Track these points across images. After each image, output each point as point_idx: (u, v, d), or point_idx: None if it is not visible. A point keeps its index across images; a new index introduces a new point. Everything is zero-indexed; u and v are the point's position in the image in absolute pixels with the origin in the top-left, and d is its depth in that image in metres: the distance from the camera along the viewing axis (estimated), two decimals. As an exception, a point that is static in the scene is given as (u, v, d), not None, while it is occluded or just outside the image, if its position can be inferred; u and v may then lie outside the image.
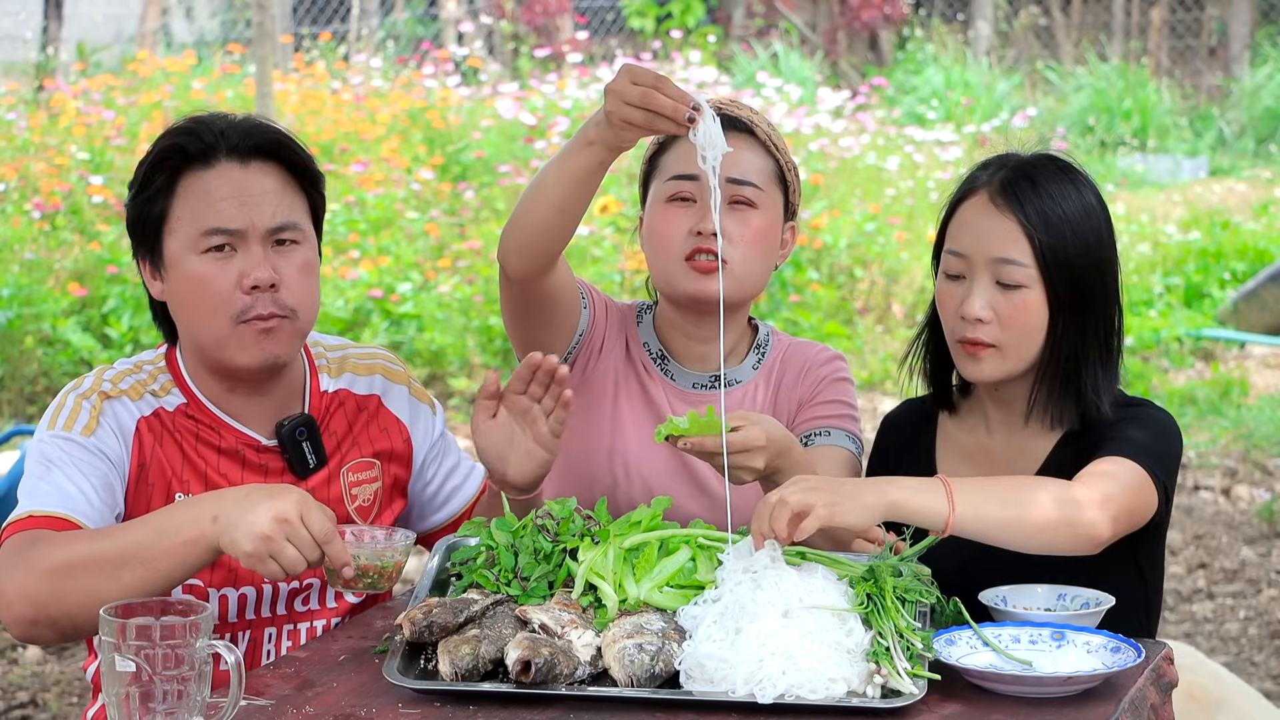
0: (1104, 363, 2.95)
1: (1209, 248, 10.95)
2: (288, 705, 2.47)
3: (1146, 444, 2.86)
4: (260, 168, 2.85)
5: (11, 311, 8.22)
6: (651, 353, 3.19)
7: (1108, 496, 2.74)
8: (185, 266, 2.82)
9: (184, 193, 2.82)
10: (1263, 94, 15.44)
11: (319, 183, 2.93)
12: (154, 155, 2.86)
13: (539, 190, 2.88)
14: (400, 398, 3.05)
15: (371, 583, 2.64)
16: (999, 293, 2.90)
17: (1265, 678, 5.58)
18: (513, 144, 11.13)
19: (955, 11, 18.14)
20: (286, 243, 2.85)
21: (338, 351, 3.05)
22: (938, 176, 11.66)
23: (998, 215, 2.92)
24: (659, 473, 3.15)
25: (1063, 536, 2.71)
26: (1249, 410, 8.41)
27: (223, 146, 2.83)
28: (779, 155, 3.13)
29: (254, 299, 2.81)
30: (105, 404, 2.82)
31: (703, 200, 3.05)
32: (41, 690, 5.45)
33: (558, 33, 15.68)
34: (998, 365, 2.93)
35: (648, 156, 3.18)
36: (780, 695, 2.41)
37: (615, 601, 2.61)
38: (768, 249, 3.11)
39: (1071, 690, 2.51)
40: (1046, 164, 2.97)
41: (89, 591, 2.55)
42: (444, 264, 9.44)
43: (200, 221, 2.81)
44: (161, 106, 10.87)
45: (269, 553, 2.50)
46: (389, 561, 2.65)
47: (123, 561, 2.55)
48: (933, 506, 2.64)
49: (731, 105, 3.15)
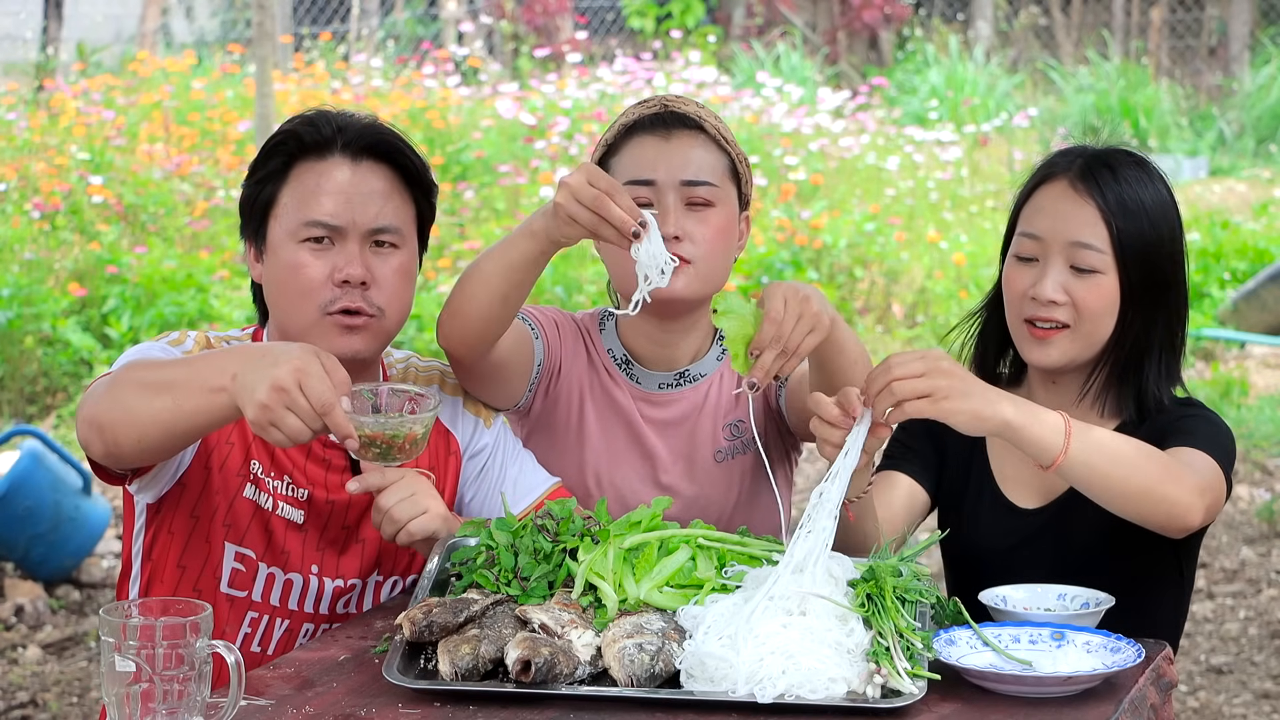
0: (1168, 355, 2.98)
1: (1209, 248, 10.94)
2: (288, 705, 2.47)
3: (1218, 444, 2.88)
4: (371, 168, 2.90)
5: (11, 311, 8.22)
6: (616, 358, 3.18)
7: (1204, 486, 2.76)
8: (283, 252, 2.88)
9: (294, 181, 2.89)
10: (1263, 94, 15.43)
11: (430, 192, 2.97)
12: (273, 141, 2.93)
13: (479, 281, 2.86)
14: (452, 408, 3.06)
15: (381, 453, 2.59)
16: (1073, 276, 2.93)
17: (1265, 678, 5.58)
18: (513, 144, 11.13)
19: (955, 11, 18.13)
20: (385, 245, 2.89)
21: (403, 362, 3.08)
22: (938, 176, 11.66)
23: (1077, 200, 2.94)
24: (630, 479, 3.15)
25: (1161, 511, 2.71)
26: (1249, 410, 8.40)
27: (338, 141, 2.89)
28: (729, 149, 3.11)
29: (343, 292, 2.85)
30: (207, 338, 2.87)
31: (660, 203, 3.02)
32: (41, 690, 5.45)
33: (558, 33, 15.68)
34: (1066, 349, 2.94)
35: (596, 160, 3.13)
36: (780, 695, 2.41)
37: (615, 601, 2.61)
38: (728, 245, 3.09)
39: (1071, 690, 2.51)
40: (1123, 155, 3.00)
41: (128, 407, 2.60)
42: (444, 264, 9.44)
43: (304, 212, 2.87)
44: (161, 106, 10.88)
45: (269, 421, 2.46)
46: (399, 432, 2.59)
47: (162, 388, 2.58)
48: (1046, 440, 2.64)
49: (678, 102, 3.13)
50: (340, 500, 2.92)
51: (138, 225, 9.46)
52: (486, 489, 3.06)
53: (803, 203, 10.67)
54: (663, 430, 3.16)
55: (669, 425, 3.16)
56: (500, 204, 10.27)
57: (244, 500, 2.87)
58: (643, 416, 3.15)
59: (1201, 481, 2.76)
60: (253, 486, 2.88)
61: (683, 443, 3.16)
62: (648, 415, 3.15)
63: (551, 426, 3.17)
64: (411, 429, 2.61)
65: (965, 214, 11.31)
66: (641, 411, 3.15)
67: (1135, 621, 2.77)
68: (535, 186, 10.23)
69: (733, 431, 3.17)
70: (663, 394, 3.16)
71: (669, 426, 3.16)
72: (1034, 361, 2.97)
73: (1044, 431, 2.64)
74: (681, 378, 3.17)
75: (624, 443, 3.15)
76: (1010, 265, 3.00)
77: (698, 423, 3.16)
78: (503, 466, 3.07)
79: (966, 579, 3.05)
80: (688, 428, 3.16)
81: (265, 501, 2.88)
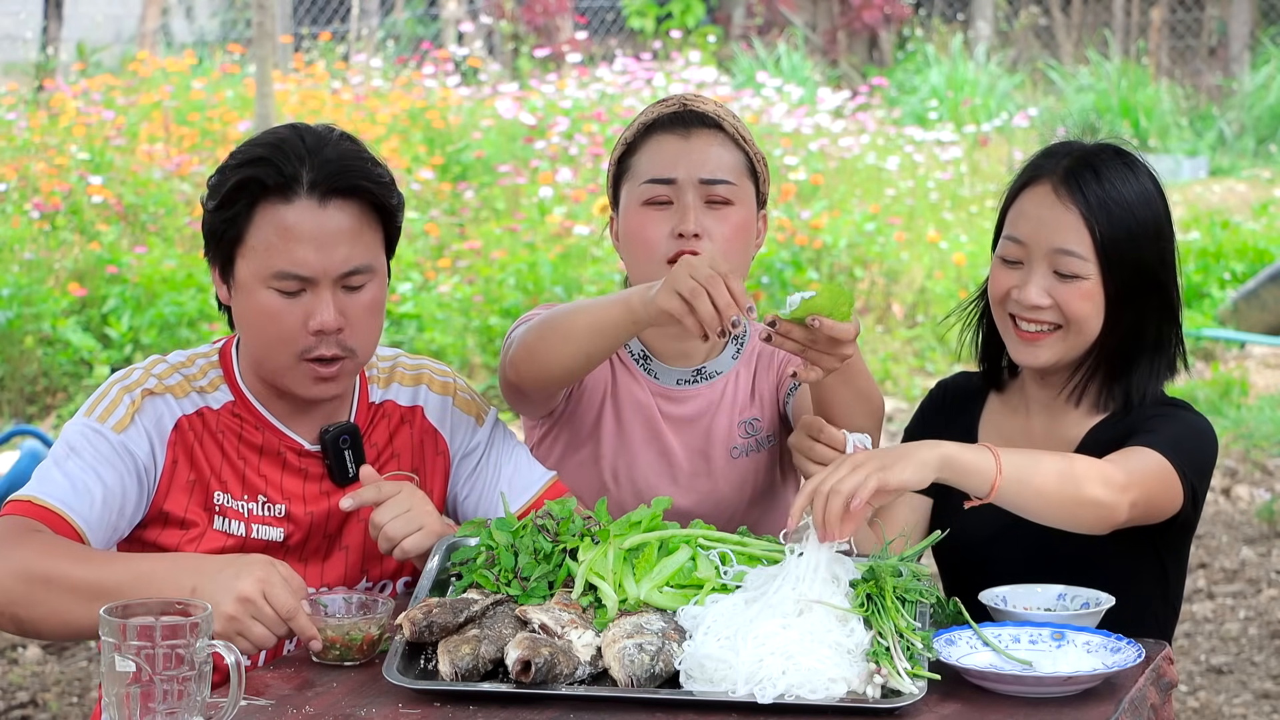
0: (1159, 351, 2.99)
1: (1209, 248, 10.94)
2: (288, 705, 2.47)
3: (1177, 441, 2.88)
4: (339, 205, 2.82)
5: (11, 311, 8.22)
6: (634, 354, 3.20)
7: (1130, 482, 2.77)
8: (255, 295, 2.82)
9: (260, 222, 2.81)
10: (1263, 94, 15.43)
11: (397, 216, 2.90)
12: (236, 177, 2.82)
13: (566, 333, 2.89)
14: (440, 407, 3.04)
15: (340, 655, 2.63)
16: (1057, 281, 2.93)
17: (1265, 678, 5.58)
18: (513, 144, 11.12)
19: (955, 11, 18.13)
20: (355, 286, 2.84)
21: (388, 362, 3.05)
22: (938, 176, 11.66)
23: (1059, 205, 2.94)
24: (647, 475, 3.16)
25: (1086, 513, 2.75)
26: (1249, 410, 8.40)
27: (303, 182, 2.79)
28: (747, 147, 3.14)
29: (318, 340, 2.82)
30: (146, 400, 2.84)
31: (680, 201, 3.06)
32: (41, 690, 5.45)
33: (558, 33, 15.68)
34: (1056, 349, 2.95)
35: (616, 158, 3.17)
36: (780, 695, 2.41)
37: (615, 601, 2.61)
38: (746, 243, 3.12)
39: (1071, 690, 2.51)
40: (1109, 153, 2.99)
41: (58, 610, 2.60)
42: (444, 264, 9.44)
43: (273, 261, 2.80)
44: (161, 106, 10.88)
45: (236, 631, 2.54)
46: (356, 635, 2.64)
47: (99, 594, 2.55)
48: (981, 466, 2.67)
49: (697, 101, 3.16)
50: (320, 510, 2.90)
51: (138, 225, 9.45)
52: (482, 487, 3.06)
53: (803, 203, 10.67)
54: (680, 426, 3.17)
55: (686, 421, 3.17)
56: (500, 204, 10.27)
57: (214, 534, 2.85)
58: (661, 413, 3.16)
59: (1129, 479, 2.78)
60: (221, 518, 2.86)
61: (699, 439, 3.17)
62: (666, 411, 3.17)
63: (574, 423, 3.19)
64: (368, 631, 2.65)
65: (965, 214, 11.31)
66: (660, 408, 3.17)
67: (1119, 618, 2.77)
68: (535, 186, 10.23)
69: (748, 429, 3.18)
70: (680, 390, 3.18)
71: (686, 423, 3.17)
72: (1023, 362, 3.00)
73: (978, 458, 2.68)
74: (698, 375, 3.19)
75: (642, 438, 3.17)
76: (995, 265, 3.01)
77: (714, 419, 3.17)
78: (498, 465, 3.07)
79: (951, 572, 3.09)
80: (704, 424, 3.17)
81: (237, 529, 2.86)
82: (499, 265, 9.14)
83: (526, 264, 9.04)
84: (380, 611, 2.68)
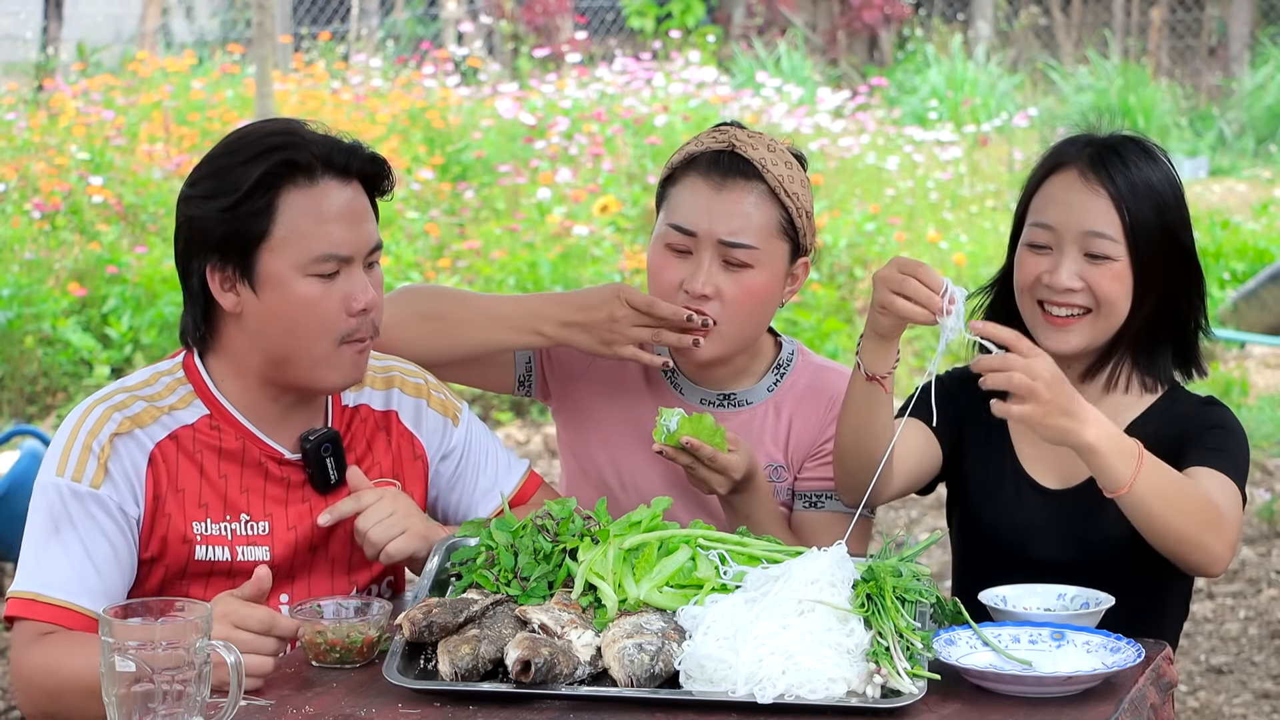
0: (1184, 336, 3.03)
1: (1209, 247, 10.94)
2: (288, 705, 2.47)
3: (1241, 463, 2.97)
4: (356, 186, 2.81)
5: (11, 311, 8.22)
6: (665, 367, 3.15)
7: (1235, 539, 2.85)
8: (291, 288, 2.76)
9: (287, 211, 2.75)
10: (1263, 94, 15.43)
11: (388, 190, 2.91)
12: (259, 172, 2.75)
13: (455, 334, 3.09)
14: (415, 411, 3.02)
15: (340, 657, 2.63)
16: (1088, 264, 2.95)
17: (1265, 678, 5.58)
18: (512, 144, 11.12)
19: (955, 11, 18.13)
20: (374, 262, 2.85)
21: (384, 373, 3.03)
22: (937, 176, 11.66)
23: (1088, 188, 2.96)
24: (654, 483, 3.13)
25: (1195, 557, 2.81)
26: (1249, 410, 8.40)
27: (324, 163, 2.78)
28: (788, 201, 3.03)
29: (360, 321, 2.80)
30: (115, 443, 2.77)
31: (697, 255, 3.02)
32: (41, 690, 5.44)
33: (557, 33, 15.68)
34: (1086, 334, 2.97)
35: (661, 178, 3.12)
36: (780, 695, 2.41)
37: (615, 601, 2.61)
38: (761, 305, 3.05)
39: (1071, 690, 2.51)
40: (1129, 141, 3.03)
41: (84, 709, 2.60)
42: (444, 264, 9.44)
43: (311, 245, 2.75)
44: (161, 106, 10.88)
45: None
46: (356, 637, 2.64)
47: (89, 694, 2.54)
48: (1116, 472, 2.71)
49: (747, 142, 3.05)
50: (304, 525, 2.87)
51: (138, 225, 9.45)
52: (463, 488, 3.05)
53: (802, 202, 10.66)
54: None
55: None
56: (500, 204, 10.26)
57: (198, 564, 2.82)
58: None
59: (1234, 536, 2.84)
60: (204, 547, 2.82)
61: None
62: None
63: (577, 425, 3.19)
64: (367, 633, 2.65)
65: (965, 214, 11.31)
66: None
67: (1145, 613, 2.79)
68: (535, 186, 10.22)
69: (770, 475, 3.11)
70: (703, 409, 3.08)
71: None
72: (1052, 348, 2.97)
73: (1118, 463, 2.71)
74: (726, 400, 3.15)
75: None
76: (1023, 252, 3.02)
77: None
78: (478, 464, 3.06)
79: (977, 560, 3.08)
80: None
81: (222, 554, 2.82)
82: (499, 265, 9.14)
83: (526, 264, 9.03)
84: (378, 613, 2.68)
